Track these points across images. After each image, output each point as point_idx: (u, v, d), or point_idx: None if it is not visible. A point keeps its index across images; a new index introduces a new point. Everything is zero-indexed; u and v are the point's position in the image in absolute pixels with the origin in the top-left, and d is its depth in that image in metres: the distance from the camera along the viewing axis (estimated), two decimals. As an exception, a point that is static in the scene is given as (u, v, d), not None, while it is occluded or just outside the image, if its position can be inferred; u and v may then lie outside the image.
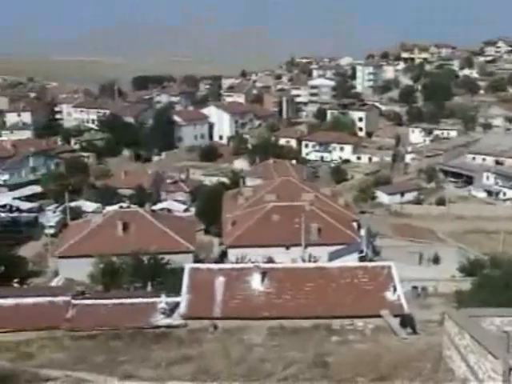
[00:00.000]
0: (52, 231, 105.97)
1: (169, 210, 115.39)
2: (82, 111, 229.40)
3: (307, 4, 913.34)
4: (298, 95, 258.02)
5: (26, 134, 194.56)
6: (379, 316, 35.65)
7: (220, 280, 38.20)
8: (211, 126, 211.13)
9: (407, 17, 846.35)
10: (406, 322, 36.56)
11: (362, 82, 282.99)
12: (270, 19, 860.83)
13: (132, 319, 36.50)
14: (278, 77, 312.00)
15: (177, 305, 37.34)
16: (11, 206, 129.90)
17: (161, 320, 36.61)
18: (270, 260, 63.46)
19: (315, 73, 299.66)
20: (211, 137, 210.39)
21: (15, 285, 68.32)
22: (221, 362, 30.13)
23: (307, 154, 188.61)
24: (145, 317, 36.95)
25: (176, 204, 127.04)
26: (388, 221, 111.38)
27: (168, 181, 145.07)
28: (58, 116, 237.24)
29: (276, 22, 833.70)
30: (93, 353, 32.94)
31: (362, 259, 71.97)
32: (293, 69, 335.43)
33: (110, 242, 70.42)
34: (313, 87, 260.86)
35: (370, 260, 72.92)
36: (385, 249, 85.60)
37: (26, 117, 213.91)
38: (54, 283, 66.57)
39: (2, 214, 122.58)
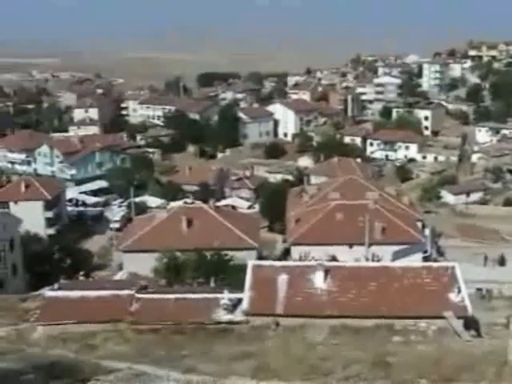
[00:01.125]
0: (117, 226, 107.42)
1: (233, 207, 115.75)
2: (147, 107, 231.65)
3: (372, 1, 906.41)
4: (364, 93, 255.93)
5: (93, 130, 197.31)
6: (442, 317, 35.22)
7: (283, 277, 38.20)
8: (276, 124, 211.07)
9: (475, 14, 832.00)
10: (470, 324, 36.04)
11: (428, 80, 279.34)
12: (334, 16, 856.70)
13: (194, 314, 36.76)
14: (344, 74, 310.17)
15: (239, 301, 37.47)
16: (77, 201, 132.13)
17: (223, 316, 36.79)
18: (333, 258, 63.14)
19: (381, 70, 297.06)
20: (276, 134, 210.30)
21: (81, 278, 69.26)
22: (281, 360, 30.14)
23: (372, 153, 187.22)
24: (207, 312, 37.18)
25: (240, 201, 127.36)
26: (453, 221, 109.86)
27: (232, 177, 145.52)
28: (124, 112, 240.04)
29: (342, 18, 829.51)
30: (155, 346, 33.30)
31: (425, 259, 71.14)
32: (358, 66, 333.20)
33: (174, 237, 70.97)
34: (378, 85, 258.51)
35: (434, 260, 72.07)
36: (449, 249, 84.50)
37: (93, 113, 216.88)
38: (118, 277, 67.42)
39: (69, 208, 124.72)
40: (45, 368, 30.26)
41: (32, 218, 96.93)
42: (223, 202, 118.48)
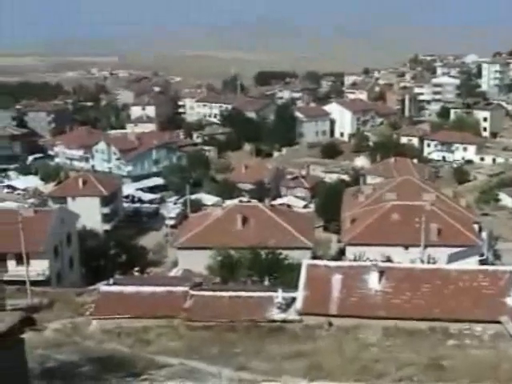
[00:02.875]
0: (172, 222, 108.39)
1: (288, 206, 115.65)
2: (204, 105, 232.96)
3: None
4: (421, 93, 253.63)
5: (150, 127, 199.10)
6: (499, 322, 34.66)
7: (337, 277, 38.00)
8: (332, 123, 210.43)
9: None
10: (527, 329, 35.40)
11: (488, 81, 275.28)
12: (393, 16, 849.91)
13: (248, 312, 36.80)
14: (401, 74, 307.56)
15: (293, 300, 37.40)
16: (134, 197, 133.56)
17: (276, 314, 36.75)
18: (388, 259, 62.67)
19: (439, 71, 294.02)
20: (332, 134, 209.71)
21: (135, 273, 70.04)
22: (334, 360, 29.99)
23: (429, 154, 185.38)
24: (261, 311, 37.18)
25: (295, 200, 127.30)
26: (511, 224, 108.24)
27: (288, 176, 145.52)
28: (181, 110, 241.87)
29: (400, 18, 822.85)
30: (208, 343, 33.42)
31: (482, 263, 70.13)
32: (416, 66, 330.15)
33: (229, 235, 71.27)
34: (436, 85, 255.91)
35: (491, 264, 71.02)
36: (506, 253, 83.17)
37: (151, 110, 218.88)
38: (172, 273, 67.96)
39: (125, 205, 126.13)
40: (99, 361, 30.61)
41: (89, 213, 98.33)
42: (279, 201, 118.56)
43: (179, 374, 29.16)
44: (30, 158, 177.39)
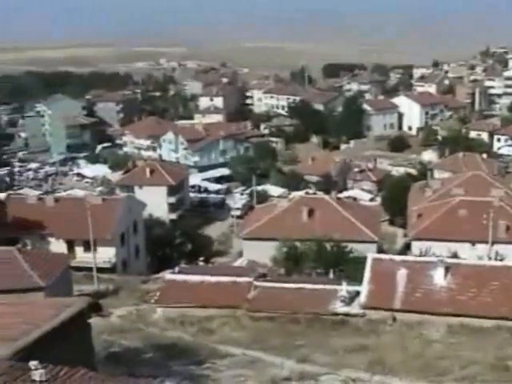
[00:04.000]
0: (238, 213, 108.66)
1: (354, 199, 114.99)
2: (272, 97, 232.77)
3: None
4: (492, 87, 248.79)
5: (218, 118, 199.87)
6: None
7: (402, 272, 37.70)
8: (400, 116, 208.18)
9: None
10: None
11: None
12: (463, 5, 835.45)
13: (311, 305, 36.77)
14: (472, 67, 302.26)
15: (357, 294, 37.26)
16: (200, 187, 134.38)
17: (340, 308, 36.65)
18: (455, 255, 61.88)
19: (511, 63, 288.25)
20: (400, 127, 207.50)
21: (200, 263, 70.54)
22: (397, 355, 29.78)
23: (499, 149, 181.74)
24: (324, 303, 37.12)
25: (362, 193, 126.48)
26: None
27: (355, 169, 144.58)
28: (248, 101, 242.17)
29: (471, 7, 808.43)
30: (271, 334, 33.51)
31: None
32: (488, 59, 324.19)
33: (294, 226, 71.23)
34: (508, 78, 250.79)
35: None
36: None
37: (218, 101, 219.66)
38: (237, 264, 68.19)
39: (192, 195, 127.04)
40: (162, 348, 30.99)
41: (155, 202, 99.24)
42: (345, 194, 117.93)
43: (241, 363, 29.32)
44: (99, 146, 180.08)
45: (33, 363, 12.26)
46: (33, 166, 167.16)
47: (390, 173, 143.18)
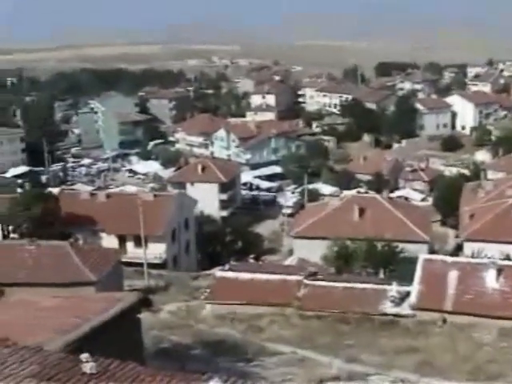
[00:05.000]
0: (289, 211, 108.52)
1: (406, 199, 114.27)
2: (324, 95, 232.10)
3: None
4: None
5: (270, 116, 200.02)
6: None
7: (453, 273, 37.27)
8: (454, 116, 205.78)
9: None
10: None
11: None
12: None
13: (361, 304, 36.61)
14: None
15: (407, 294, 36.96)
16: (252, 185, 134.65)
17: (389, 308, 36.40)
18: (508, 257, 60.97)
19: None
20: (453, 126, 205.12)
21: (251, 260, 70.70)
22: (447, 357, 29.48)
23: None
24: (374, 303, 36.92)
25: (413, 193, 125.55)
26: None
27: (407, 169, 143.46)
28: (300, 99, 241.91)
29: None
30: (319, 333, 33.43)
31: None
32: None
33: (345, 225, 70.95)
34: None
35: None
36: None
37: (270, 99, 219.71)
38: (287, 262, 68.15)
39: (243, 192, 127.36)
40: (211, 345, 31.13)
41: (207, 199, 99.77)
42: (396, 194, 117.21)
43: (290, 362, 29.32)
44: (151, 143, 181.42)
45: (84, 356, 12.43)
46: (86, 161, 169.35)
47: (442, 173, 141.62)
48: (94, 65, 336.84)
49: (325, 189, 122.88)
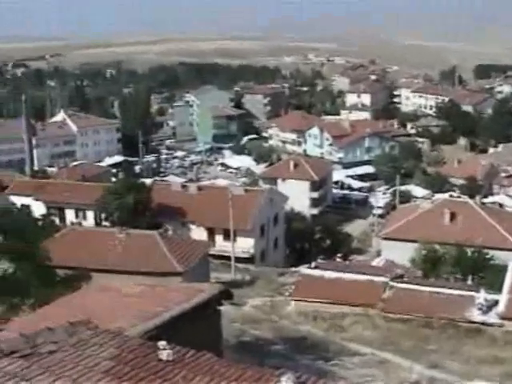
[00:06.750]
0: (380, 212, 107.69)
1: (500, 205, 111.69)
2: (420, 96, 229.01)
3: None
4: None
5: (364, 115, 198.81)
6: None
7: (545, 283, 36.30)
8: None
9: None
10: None
11: None
12: None
13: (446, 310, 36.00)
14: None
15: (495, 303, 36.14)
16: (343, 184, 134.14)
17: (476, 316, 35.66)
18: None
19: None
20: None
21: (338, 259, 70.39)
22: (534, 369, 28.69)
23: None
24: (460, 310, 36.24)
25: (508, 199, 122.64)
26: None
27: (502, 174, 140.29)
28: (396, 100, 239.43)
29: None
30: (403, 336, 33.03)
31: None
32: None
33: (435, 229, 69.89)
34: None
35: None
36: None
37: (366, 98, 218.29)
38: (375, 263, 67.63)
39: (334, 191, 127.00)
40: (292, 341, 31.16)
41: (298, 196, 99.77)
42: (490, 199, 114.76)
43: (370, 363, 29.07)
44: (245, 138, 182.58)
45: (161, 343, 12.61)
46: (179, 154, 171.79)
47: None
48: (192, 59, 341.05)
49: (417, 191, 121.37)
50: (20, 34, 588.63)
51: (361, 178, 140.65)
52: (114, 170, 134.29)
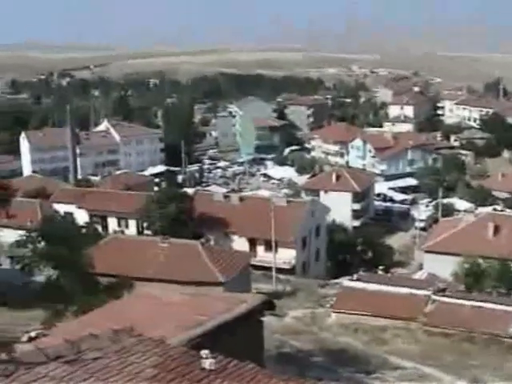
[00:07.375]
0: (422, 225, 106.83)
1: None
2: (464, 108, 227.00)
3: None
4: None
5: (407, 127, 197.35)
6: None
7: None
8: None
9: None
10: None
11: None
12: None
13: (489, 325, 35.65)
14: None
15: (539, 318, 35.71)
16: (385, 196, 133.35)
17: (520, 331, 35.27)
18: None
19: None
20: None
21: (379, 272, 70.00)
22: None
23: None
24: (503, 325, 35.87)
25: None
26: None
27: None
28: (439, 112, 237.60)
29: None
30: (444, 351, 32.77)
31: None
32: None
33: (478, 243, 69.17)
34: None
35: None
36: None
37: (409, 110, 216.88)
38: (417, 276, 67.19)
39: (376, 203, 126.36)
40: (333, 353, 31.08)
41: (340, 208, 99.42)
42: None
43: (411, 377, 28.88)
44: (287, 149, 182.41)
45: (204, 352, 12.71)
46: (222, 164, 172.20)
47: None
48: (235, 70, 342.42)
49: (460, 204, 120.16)
50: (64, 44, 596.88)
51: (403, 190, 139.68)
52: (157, 180, 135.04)
